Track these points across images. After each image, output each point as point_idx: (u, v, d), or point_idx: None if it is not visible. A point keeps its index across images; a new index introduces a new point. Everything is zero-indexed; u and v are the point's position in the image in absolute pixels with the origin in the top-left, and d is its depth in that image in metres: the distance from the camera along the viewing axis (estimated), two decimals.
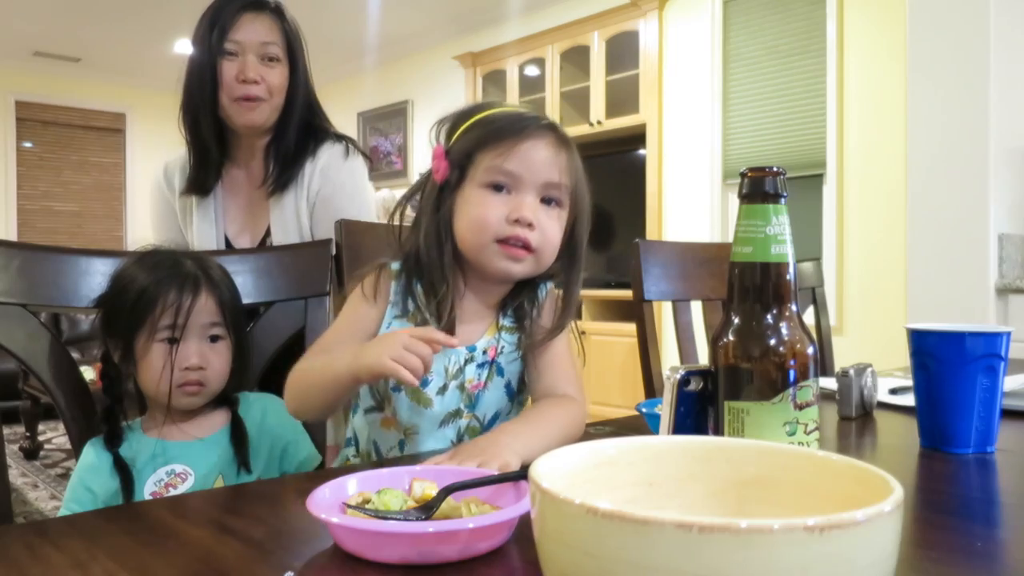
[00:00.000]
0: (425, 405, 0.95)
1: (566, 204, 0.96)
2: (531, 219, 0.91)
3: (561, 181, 0.93)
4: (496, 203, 0.91)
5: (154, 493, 0.98)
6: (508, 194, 0.92)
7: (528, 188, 0.92)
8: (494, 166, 0.91)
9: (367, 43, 6.24)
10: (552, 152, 0.92)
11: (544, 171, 0.92)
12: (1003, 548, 0.61)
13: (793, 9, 3.93)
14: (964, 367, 0.87)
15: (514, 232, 0.90)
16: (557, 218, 0.94)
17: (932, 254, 2.70)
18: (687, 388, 0.70)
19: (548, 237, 0.93)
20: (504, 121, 0.93)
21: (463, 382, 0.95)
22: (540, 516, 0.40)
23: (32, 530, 0.65)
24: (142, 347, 0.99)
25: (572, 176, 0.95)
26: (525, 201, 0.91)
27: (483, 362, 0.96)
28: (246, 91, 1.48)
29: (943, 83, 2.68)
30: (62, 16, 5.68)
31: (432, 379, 0.94)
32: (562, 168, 0.93)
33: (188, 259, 1.04)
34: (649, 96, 4.53)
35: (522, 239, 0.91)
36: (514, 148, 0.91)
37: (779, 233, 0.67)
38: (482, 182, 0.92)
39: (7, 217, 6.80)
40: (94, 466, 0.98)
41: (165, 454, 1.00)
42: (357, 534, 0.56)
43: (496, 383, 0.97)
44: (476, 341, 0.96)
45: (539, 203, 0.93)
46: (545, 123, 0.94)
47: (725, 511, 0.49)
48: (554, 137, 0.94)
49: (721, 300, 1.61)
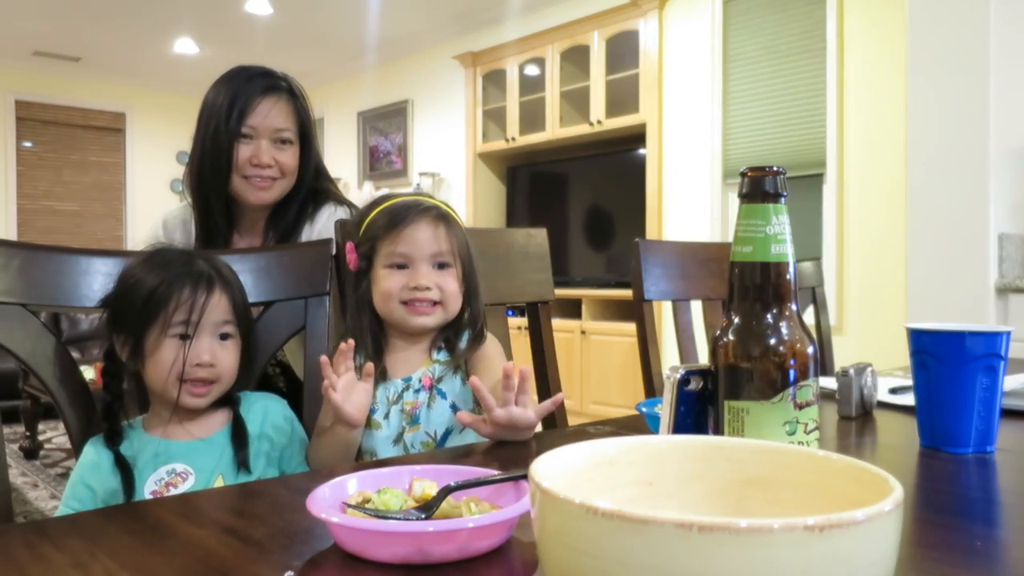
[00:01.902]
0: (375, 428, 1.14)
1: (455, 262, 1.18)
2: (427, 283, 1.14)
3: (443, 249, 1.16)
4: (397, 277, 1.15)
5: (154, 492, 0.98)
6: (407, 269, 1.15)
7: (420, 261, 1.15)
8: (391, 251, 1.15)
9: (367, 43, 6.24)
10: (432, 230, 1.15)
11: (428, 246, 1.15)
12: (1003, 548, 0.61)
13: (793, 9, 3.93)
14: (964, 367, 0.87)
15: (414, 296, 1.14)
16: (451, 275, 1.17)
17: (932, 254, 2.70)
18: (687, 388, 0.70)
19: (448, 291, 1.16)
20: (392, 213, 1.17)
21: (402, 406, 1.15)
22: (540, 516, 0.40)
23: (32, 530, 0.65)
24: (153, 342, 0.99)
25: (453, 242, 1.17)
26: (420, 271, 1.14)
27: (419, 388, 1.16)
28: (259, 173, 1.50)
29: (943, 83, 2.68)
30: (62, 16, 5.68)
31: (378, 408, 1.14)
32: (442, 239, 1.16)
33: (199, 258, 1.05)
34: (649, 96, 4.53)
35: (425, 299, 1.14)
36: (402, 234, 1.14)
37: (779, 233, 0.67)
38: (384, 264, 1.16)
39: (7, 217, 6.80)
40: (94, 464, 0.98)
41: (166, 453, 1.00)
42: (357, 533, 0.56)
43: (440, 404, 1.16)
44: (412, 373, 1.17)
45: (432, 269, 1.15)
46: (425, 207, 1.17)
47: (725, 511, 0.49)
48: (432, 216, 1.16)
49: (721, 300, 1.61)
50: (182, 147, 7.59)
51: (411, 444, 1.15)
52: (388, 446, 1.14)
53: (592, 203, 5.05)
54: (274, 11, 5.54)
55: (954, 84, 2.65)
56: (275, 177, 1.52)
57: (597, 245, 5.02)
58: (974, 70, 2.60)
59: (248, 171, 1.50)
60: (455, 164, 5.88)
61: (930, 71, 2.71)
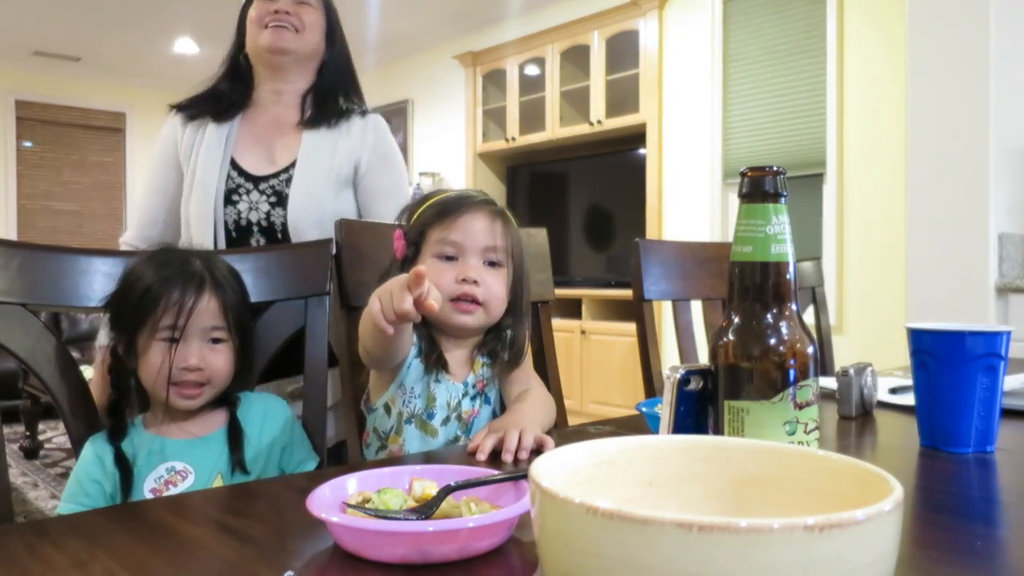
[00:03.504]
0: (432, 435, 1.09)
1: (506, 264, 1.12)
2: (475, 277, 1.08)
3: (498, 244, 1.10)
4: (446, 269, 1.08)
5: (154, 490, 0.98)
6: (456, 261, 1.09)
7: (471, 253, 1.09)
8: (441, 238, 1.09)
9: (367, 43, 6.24)
10: (488, 222, 1.10)
11: (482, 238, 1.09)
12: (1003, 548, 0.61)
13: (793, 9, 3.93)
14: (964, 366, 0.87)
15: (462, 290, 1.07)
16: (499, 276, 1.11)
17: (932, 254, 2.70)
18: (687, 387, 0.70)
19: (493, 292, 1.09)
20: (448, 201, 1.12)
21: (460, 413, 1.11)
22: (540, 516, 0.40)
23: (32, 529, 0.65)
24: (143, 344, 0.99)
25: (508, 240, 1.12)
26: (470, 263, 1.09)
27: (474, 395, 1.13)
28: (277, 19, 1.53)
29: (943, 83, 2.68)
30: (62, 16, 5.68)
31: (437, 412, 1.09)
32: (498, 234, 1.11)
33: (197, 259, 1.05)
34: (649, 96, 4.53)
35: (470, 295, 1.07)
36: (456, 222, 1.09)
37: (779, 232, 0.67)
38: (433, 253, 1.10)
39: (7, 217, 6.80)
40: (98, 459, 0.98)
41: (164, 451, 1.00)
42: (357, 533, 0.56)
43: (485, 410, 1.14)
44: (466, 378, 1.12)
45: (483, 265, 1.10)
46: (481, 199, 1.13)
47: (725, 511, 0.49)
48: (489, 210, 1.12)
49: (721, 300, 1.61)
50: None
51: None
52: None
53: (592, 203, 5.05)
54: None
55: (954, 84, 2.65)
56: (295, 26, 1.54)
57: (597, 245, 5.02)
58: (974, 70, 2.60)
59: (267, 18, 1.53)
60: (455, 164, 5.87)
61: (930, 71, 2.71)
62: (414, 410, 1.10)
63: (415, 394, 1.10)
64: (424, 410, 1.10)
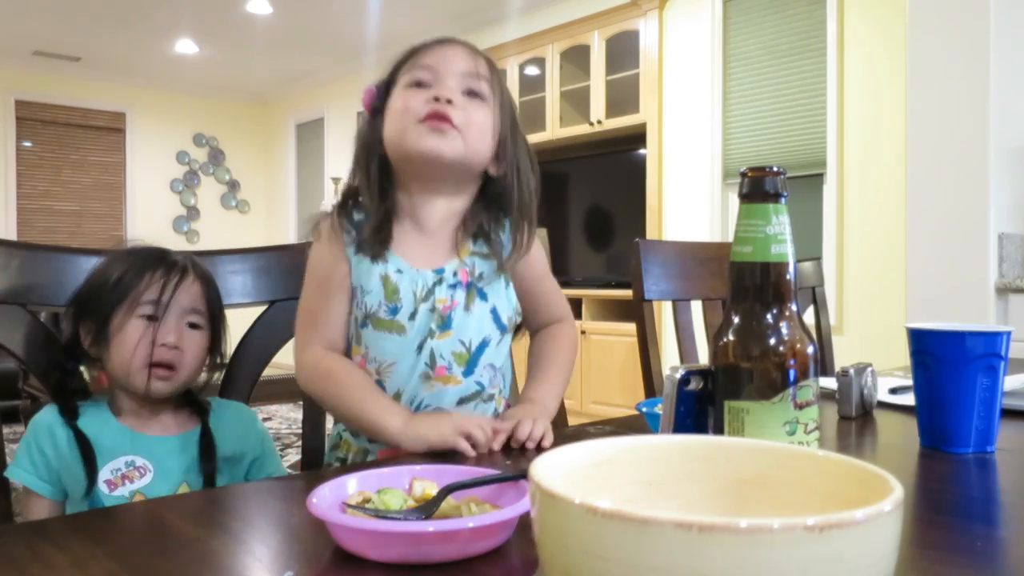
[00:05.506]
0: (399, 332, 0.95)
1: (490, 100, 0.95)
2: (449, 96, 0.91)
3: (480, 72, 0.94)
4: (417, 93, 0.92)
5: (109, 482, 0.96)
6: (429, 88, 0.93)
7: (447, 76, 0.92)
8: (413, 64, 0.94)
9: (367, 43, 6.24)
10: (469, 53, 0.95)
11: (461, 63, 0.93)
12: (1003, 548, 0.61)
13: (793, 9, 3.93)
14: (964, 367, 0.87)
15: (433, 108, 0.90)
16: (481, 107, 0.94)
17: (932, 254, 2.70)
18: (687, 387, 0.70)
19: (473, 119, 0.93)
20: (422, 42, 0.97)
21: (433, 304, 0.96)
22: (540, 516, 0.40)
23: (32, 530, 0.65)
24: (118, 323, 0.97)
25: (493, 80, 0.96)
26: (447, 84, 0.92)
27: (454, 283, 0.97)
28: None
29: (943, 83, 2.68)
30: (62, 16, 5.68)
31: (402, 305, 0.95)
32: (481, 65, 0.95)
33: (176, 252, 1.05)
34: (649, 96, 4.53)
35: (442, 112, 0.90)
36: (431, 49, 0.94)
37: (779, 233, 0.67)
38: (404, 84, 0.94)
39: (7, 216, 6.80)
40: (48, 430, 0.96)
41: (130, 444, 0.98)
42: (357, 534, 0.56)
43: (480, 308, 0.98)
44: (443, 264, 0.97)
45: (461, 94, 0.93)
46: (462, 41, 0.97)
47: (725, 511, 0.49)
48: (470, 48, 0.96)
49: (721, 300, 1.61)
50: (182, 147, 7.59)
51: (438, 354, 0.96)
52: (408, 355, 0.96)
53: (592, 203, 5.05)
54: (274, 11, 5.54)
55: (954, 84, 2.65)
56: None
57: (597, 245, 5.02)
58: (974, 70, 2.60)
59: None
60: None
61: (930, 71, 2.71)
62: (368, 309, 0.95)
63: (366, 291, 0.95)
64: (382, 305, 0.94)
